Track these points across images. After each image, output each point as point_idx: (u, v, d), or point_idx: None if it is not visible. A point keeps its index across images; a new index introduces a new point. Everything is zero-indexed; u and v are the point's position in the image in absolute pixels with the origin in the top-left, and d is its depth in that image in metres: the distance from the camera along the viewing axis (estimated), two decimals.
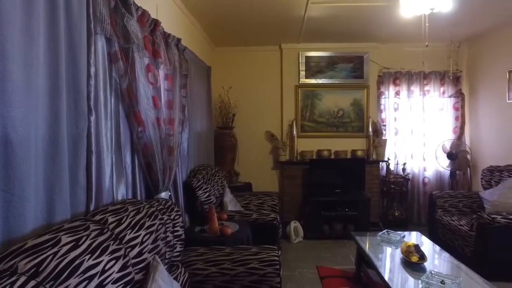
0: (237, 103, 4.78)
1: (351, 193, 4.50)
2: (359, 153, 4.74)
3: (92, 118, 1.57)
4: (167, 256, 1.90)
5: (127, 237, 1.53)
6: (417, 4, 2.33)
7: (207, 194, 3.19)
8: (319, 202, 4.36)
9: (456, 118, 4.94)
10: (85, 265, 1.19)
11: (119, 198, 1.88)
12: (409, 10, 2.43)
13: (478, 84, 4.72)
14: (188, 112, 3.22)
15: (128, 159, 2.01)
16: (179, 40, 2.86)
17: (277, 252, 2.12)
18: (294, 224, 4.30)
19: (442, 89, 4.92)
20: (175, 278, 1.85)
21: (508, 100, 4.11)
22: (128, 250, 1.49)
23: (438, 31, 4.28)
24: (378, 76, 4.91)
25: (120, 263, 1.38)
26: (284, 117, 4.94)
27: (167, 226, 1.93)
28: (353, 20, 3.83)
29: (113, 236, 1.43)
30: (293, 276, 3.29)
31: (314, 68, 4.87)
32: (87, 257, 1.21)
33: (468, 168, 4.82)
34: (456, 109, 4.93)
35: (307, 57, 4.87)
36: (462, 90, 4.94)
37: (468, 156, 4.74)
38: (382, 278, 2.31)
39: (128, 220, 1.59)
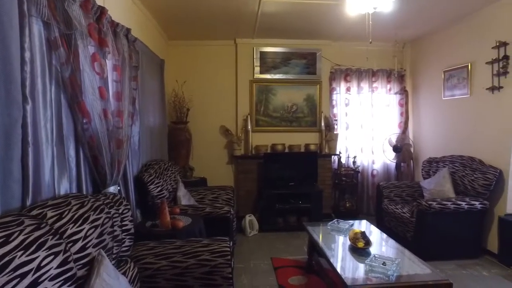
0: (191, 97, 4.72)
1: (304, 186, 4.64)
2: (312, 147, 4.90)
3: (28, 107, 1.47)
4: (115, 251, 1.84)
5: (69, 232, 1.46)
6: (361, 3, 2.45)
7: (159, 188, 3.12)
8: (273, 195, 4.45)
9: (401, 114, 5.27)
10: (16, 262, 1.12)
11: (62, 192, 1.79)
12: (354, 8, 2.55)
13: (419, 83, 5.07)
14: (139, 105, 3.13)
15: (72, 152, 1.92)
16: (128, 30, 2.76)
17: (228, 243, 2.14)
18: (249, 218, 4.35)
19: (388, 86, 5.22)
20: (124, 273, 1.80)
21: (444, 97, 4.46)
22: (69, 245, 1.43)
23: (384, 32, 4.55)
24: (330, 73, 5.10)
25: (60, 258, 1.32)
26: (239, 111, 4.96)
27: (114, 220, 1.87)
28: (305, 17, 3.93)
29: (52, 231, 1.36)
30: (247, 268, 3.33)
31: (268, 63, 4.94)
32: (19, 253, 1.14)
33: (411, 160, 5.17)
34: (401, 105, 5.26)
35: (262, 53, 4.93)
36: (406, 87, 5.27)
37: (411, 149, 5.09)
38: (330, 264, 2.41)
39: (70, 214, 1.52)
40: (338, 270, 2.27)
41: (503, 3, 3.50)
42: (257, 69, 4.92)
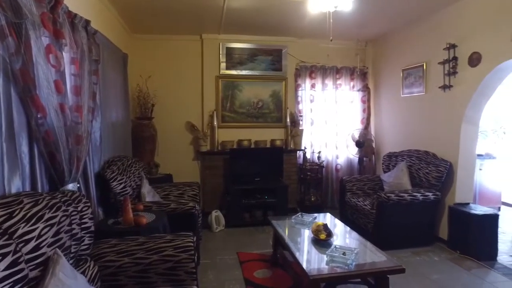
0: (156, 93, 4.63)
1: (270, 181, 4.71)
2: (278, 142, 4.98)
3: None
4: (73, 250, 1.79)
5: (20, 231, 1.40)
6: (323, 1, 2.52)
7: (122, 185, 3.05)
8: (239, 190, 4.48)
9: (364, 110, 5.46)
10: None
11: (13, 191, 1.70)
12: (316, 6, 2.62)
13: (381, 80, 5.28)
14: (100, 100, 3.03)
15: (24, 148, 1.83)
16: (87, 22, 2.66)
17: (192, 238, 2.14)
18: (215, 213, 4.35)
19: (352, 83, 5.39)
20: (83, 272, 1.76)
21: (402, 95, 4.69)
22: (20, 245, 1.37)
23: (347, 31, 4.70)
24: (296, 69, 5.18)
25: (8, 260, 1.27)
26: (205, 107, 4.94)
27: (73, 218, 1.81)
28: (271, 13, 3.97)
29: (0, 231, 1.30)
30: (213, 263, 3.34)
31: (235, 59, 4.95)
32: None
33: (373, 155, 5.39)
34: (363, 102, 5.46)
35: (228, 48, 4.92)
36: (369, 85, 5.48)
37: (373, 144, 5.31)
38: (294, 256, 2.48)
39: (22, 213, 1.46)
40: (301, 261, 2.34)
41: (453, 8, 3.73)
42: (223, 65, 4.91)
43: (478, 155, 4.73)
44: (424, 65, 4.21)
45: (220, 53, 4.89)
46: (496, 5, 3.24)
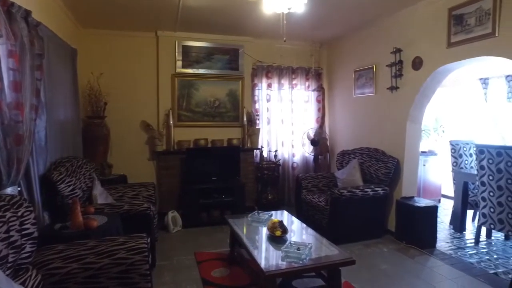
0: (109, 91, 4.44)
1: (227, 180, 4.71)
2: (235, 141, 4.99)
3: None
4: (11, 259, 1.66)
5: None
6: (276, 3, 2.57)
7: (71, 187, 2.90)
8: (196, 190, 4.44)
9: (319, 110, 5.64)
10: None
11: None
12: (270, 7, 2.66)
13: (334, 81, 5.49)
14: (45, 98, 2.85)
15: None
16: (28, 12, 2.48)
17: (146, 239, 2.09)
18: (172, 214, 4.28)
19: (307, 83, 5.54)
20: (23, 283, 1.65)
21: (354, 95, 4.91)
22: None
23: (303, 32, 4.82)
24: (252, 69, 5.23)
25: None
26: (161, 106, 4.82)
27: (11, 225, 1.69)
28: (228, 12, 3.97)
29: None
30: (170, 265, 3.28)
31: (191, 58, 4.88)
32: None
33: (328, 153, 5.58)
34: (318, 101, 5.63)
35: (184, 47, 4.84)
36: (323, 85, 5.66)
37: (327, 143, 5.50)
38: (250, 253, 2.51)
39: None
40: (257, 258, 2.37)
41: (398, 15, 3.97)
42: (179, 63, 4.82)
43: (422, 152, 5.09)
44: (374, 67, 4.44)
45: (176, 51, 4.80)
46: (433, 15, 3.50)
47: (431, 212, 3.73)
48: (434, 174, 5.62)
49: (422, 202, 3.84)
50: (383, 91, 4.27)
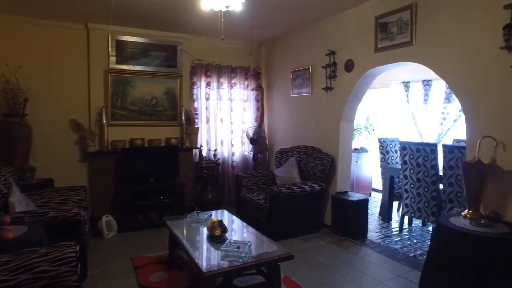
0: (31, 86, 4.03)
1: (165, 180, 4.56)
2: (173, 141, 4.85)
3: None
4: None
5: None
6: (215, 0, 2.55)
7: None
8: (132, 192, 4.24)
9: (257, 109, 5.72)
10: None
11: None
12: (208, 4, 2.63)
13: (273, 80, 5.61)
14: None
15: None
16: None
17: (74, 247, 1.93)
18: (106, 219, 4.02)
19: (246, 82, 5.58)
20: None
21: (292, 95, 5.07)
22: None
23: (242, 31, 4.84)
24: (191, 67, 5.12)
25: None
26: (92, 104, 4.49)
27: None
28: (165, 8, 3.82)
29: None
30: (104, 273, 3.08)
31: (126, 53, 4.62)
32: None
33: (267, 151, 5.69)
34: (257, 100, 5.71)
35: (118, 41, 4.57)
36: (262, 84, 5.75)
37: (266, 141, 5.61)
38: (188, 254, 2.46)
39: None
40: (196, 259, 2.33)
41: (332, 19, 4.18)
42: (113, 59, 4.54)
43: (354, 149, 5.43)
44: (310, 68, 4.63)
45: (110, 46, 4.51)
46: (363, 22, 3.75)
47: (363, 205, 4.00)
48: (366, 170, 6.04)
49: (355, 196, 4.10)
50: (319, 91, 4.47)
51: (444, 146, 3.69)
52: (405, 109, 5.89)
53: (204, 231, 2.89)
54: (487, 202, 2.59)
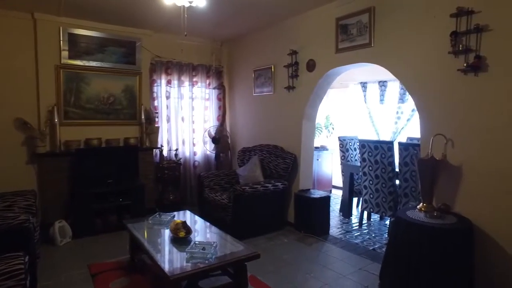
0: None
1: (125, 182, 4.36)
2: (132, 140, 4.65)
3: None
4: None
5: None
6: None
7: None
8: (89, 195, 4.00)
9: (219, 108, 5.66)
10: None
11: None
12: None
13: (235, 79, 5.58)
14: None
15: None
16: None
17: (23, 258, 1.77)
18: (59, 224, 3.76)
19: (208, 81, 5.50)
20: None
21: (254, 94, 5.07)
22: None
23: (204, 29, 4.76)
24: (151, 64, 4.94)
25: None
26: (42, 101, 4.16)
27: None
28: (123, 1, 3.65)
29: None
30: (57, 284, 2.87)
31: (80, 48, 4.35)
32: None
33: (229, 151, 5.65)
34: (219, 99, 5.65)
35: (71, 35, 4.29)
36: (224, 83, 5.70)
37: (229, 140, 5.57)
38: (151, 258, 2.36)
39: None
40: (160, 263, 2.25)
41: (294, 19, 4.24)
42: (65, 53, 4.25)
43: (315, 147, 5.55)
44: (273, 67, 4.66)
45: (61, 39, 4.21)
46: (324, 23, 3.83)
47: (325, 202, 4.10)
48: (326, 168, 6.21)
49: (317, 193, 4.19)
50: (281, 90, 4.51)
51: (400, 143, 3.88)
52: (362, 109, 6.13)
53: (168, 233, 2.80)
54: (439, 195, 2.76)
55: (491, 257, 2.52)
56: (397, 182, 3.95)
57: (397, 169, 3.91)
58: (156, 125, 4.90)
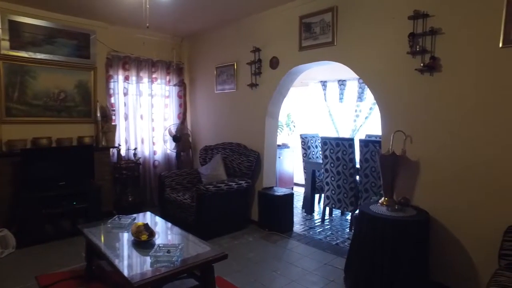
0: None
1: (79, 184, 4.07)
2: (87, 139, 4.35)
3: None
4: None
5: None
6: None
7: None
8: (37, 199, 3.66)
9: (180, 105, 5.49)
10: None
11: None
12: None
13: (196, 76, 5.44)
14: None
15: None
16: None
17: None
18: (0, 234, 3.40)
19: (168, 77, 5.31)
20: None
21: (216, 91, 4.98)
22: None
23: (164, 24, 4.59)
24: (107, 59, 4.66)
25: None
26: None
27: None
28: None
29: None
30: None
31: (25, 38, 3.98)
32: None
33: (190, 149, 5.51)
34: (180, 97, 5.48)
35: (13, 23, 3.90)
36: (184, 80, 5.53)
37: (190, 139, 5.42)
38: (112, 264, 2.21)
39: None
40: (121, 269, 2.11)
41: (258, 16, 4.21)
42: (5, 43, 3.86)
43: (278, 145, 5.58)
44: (235, 64, 4.60)
45: (1, 27, 3.83)
46: (287, 20, 3.85)
47: (288, 199, 4.13)
48: (288, 165, 6.27)
49: (280, 191, 4.20)
50: (244, 88, 4.47)
51: (361, 140, 4.01)
52: (323, 107, 6.27)
53: (128, 236, 2.64)
54: (399, 190, 2.87)
55: (445, 246, 2.67)
56: (358, 178, 4.07)
57: (357, 166, 4.03)
58: (113, 123, 4.64)
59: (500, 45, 2.35)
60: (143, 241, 2.48)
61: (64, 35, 4.23)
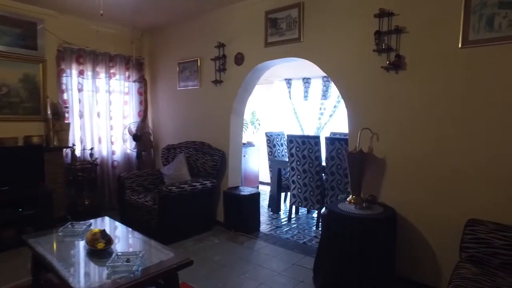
0: None
1: (26, 188, 3.69)
2: (35, 139, 3.97)
3: None
4: None
5: None
6: None
7: None
8: None
9: (141, 102, 5.21)
10: None
11: None
12: None
13: (157, 72, 5.19)
14: None
15: None
16: None
17: None
18: None
19: (127, 73, 5.01)
20: None
21: (179, 87, 4.77)
22: None
23: (123, 16, 4.31)
24: (58, 51, 4.29)
25: None
26: None
27: None
28: None
29: None
30: None
31: None
32: None
33: (152, 148, 5.25)
34: (140, 93, 5.20)
35: None
36: (145, 76, 5.26)
37: (151, 137, 5.17)
38: (61, 278, 1.98)
39: None
40: (72, 283, 1.89)
41: (222, 11, 4.07)
42: None
43: (243, 144, 5.48)
44: (199, 60, 4.42)
45: None
46: (253, 15, 3.74)
47: (255, 199, 4.04)
48: (253, 164, 6.19)
49: (247, 190, 4.10)
50: (208, 85, 4.31)
51: (327, 138, 4.01)
52: (287, 105, 6.25)
53: (83, 245, 2.41)
54: (367, 187, 2.88)
55: (411, 242, 2.71)
56: (324, 176, 4.07)
57: (323, 163, 4.03)
58: (67, 121, 4.27)
59: (459, 45, 2.41)
60: (100, 249, 2.26)
61: (5, 22, 3.81)
